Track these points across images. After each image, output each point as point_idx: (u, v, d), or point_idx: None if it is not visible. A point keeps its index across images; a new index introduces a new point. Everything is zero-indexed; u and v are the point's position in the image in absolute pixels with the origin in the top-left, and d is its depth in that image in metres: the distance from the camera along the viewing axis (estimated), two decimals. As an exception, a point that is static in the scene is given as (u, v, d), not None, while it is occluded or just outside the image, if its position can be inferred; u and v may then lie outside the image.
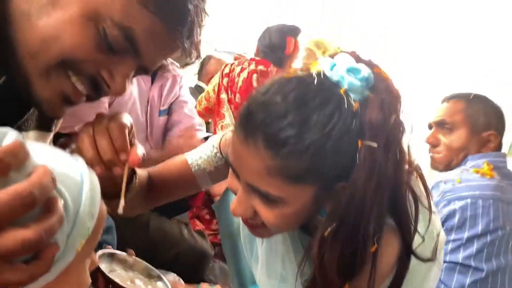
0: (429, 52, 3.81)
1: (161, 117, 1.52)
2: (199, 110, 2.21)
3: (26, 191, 0.35)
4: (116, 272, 0.96)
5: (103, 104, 1.31)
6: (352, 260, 0.66)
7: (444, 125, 1.48)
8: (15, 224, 0.36)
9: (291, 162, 0.63)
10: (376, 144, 0.62)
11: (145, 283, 0.99)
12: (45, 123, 0.77)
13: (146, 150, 0.70)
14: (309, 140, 0.62)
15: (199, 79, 3.05)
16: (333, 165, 0.64)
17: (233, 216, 0.75)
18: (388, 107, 0.64)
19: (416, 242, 0.70)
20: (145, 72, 0.68)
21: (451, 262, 1.31)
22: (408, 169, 0.70)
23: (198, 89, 2.85)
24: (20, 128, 0.72)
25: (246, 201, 0.70)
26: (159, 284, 1.01)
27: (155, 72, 0.98)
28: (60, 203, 0.40)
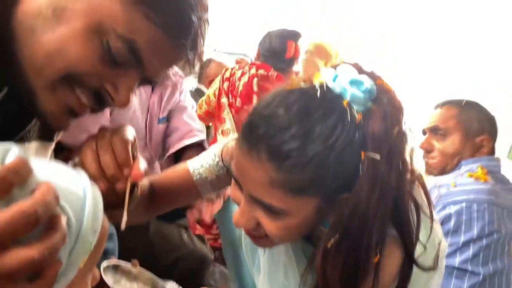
0: (429, 52, 3.80)
1: (161, 125, 1.51)
2: (200, 114, 2.20)
3: (29, 210, 0.35)
4: (121, 284, 0.96)
5: (104, 113, 1.30)
6: (354, 271, 0.66)
7: (438, 131, 1.50)
8: (18, 243, 0.36)
9: (294, 174, 0.63)
10: (379, 156, 0.62)
11: (150, 294, 0.99)
12: (47, 133, 0.77)
13: (146, 157, 0.70)
14: (312, 152, 0.61)
15: (199, 82, 3.05)
16: (336, 177, 0.64)
17: (235, 227, 0.74)
18: (390, 119, 0.64)
19: (418, 251, 0.71)
20: (149, 83, 0.68)
21: (448, 266, 1.31)
22: (410, 179, 0.70)
23: (198, 92, 2.84)
24: (23, 139, 0.71)
25: (249, 213, 0.70)
26: None
27: (155, 80, 0.97)
28: (63, 220, 0.40)
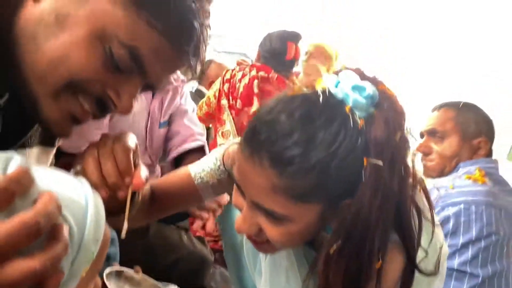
0: (429, 52, 3.81)
1: (162, 129, 1.50)
2: (200, 116, 2.19)
3: (32, 221, 0.35)
4: None
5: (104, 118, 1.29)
6: (357, 276, 0.66)
7: (436, 134, 1.50)
8: (20, 253, 0.36)
9: (297, 181, 0.62)
10: (381, 162, 0.62)
11: (153, 300, 0.99)
12: (49, 138, 0.77)
13: (146, 161, 0.70)
14: (314, 159, 0.61)
15: (200, 84, 3.04)
16: (339, 183, 0.63)
17: (238, 233, 0.74)
18: (393, 124, 0.64)
19: (419, 256, 0.70)
20: (151, 89, 0.68)
21: (447, 268, 1.30)
22: (412, 183, 0.70)
23: (199, 93, 2.84)
24: (24, 145, 0.71)
25: (251, 219, 0.70)
26: None
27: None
28: (65, 230, 0.40)
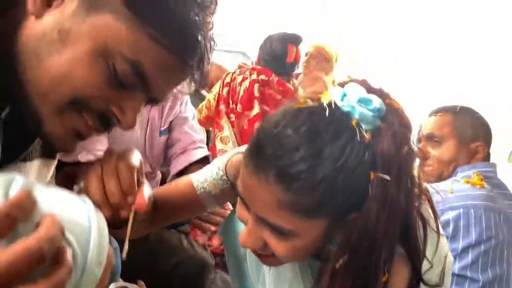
0: (429, 52, 3.81)
1: (162, 137, 1.50)
2: (200, 119, 2.18)
3: (35, 247, 0.35)
4: None
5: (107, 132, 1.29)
6: None
7: (433, 138, 1.50)
8: (23, 280, 0.35)
9: (303, 196, 0.62)
10: (388, 176, 0.61)
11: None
12: (50, 151, 0.76)
13: (146, 169, 0.69)
14: (321, 174, 0.60)
15: (200, 86, 3.03)
16: (345, 197, 0.63)
17: (242, 247, 0.73)
18: (400, 138, 0.63)
19: (424, 267, 0.70)
20: (155, 103, 0.67)
21: (448, 273, 1.31)
22: (417, 193, 0.69)
23: (199, 96, 2.83)
24: (25, 159, 0.71)
25: (256, 233, 0.69)
26: None
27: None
28: (69, 253, 0.39)
